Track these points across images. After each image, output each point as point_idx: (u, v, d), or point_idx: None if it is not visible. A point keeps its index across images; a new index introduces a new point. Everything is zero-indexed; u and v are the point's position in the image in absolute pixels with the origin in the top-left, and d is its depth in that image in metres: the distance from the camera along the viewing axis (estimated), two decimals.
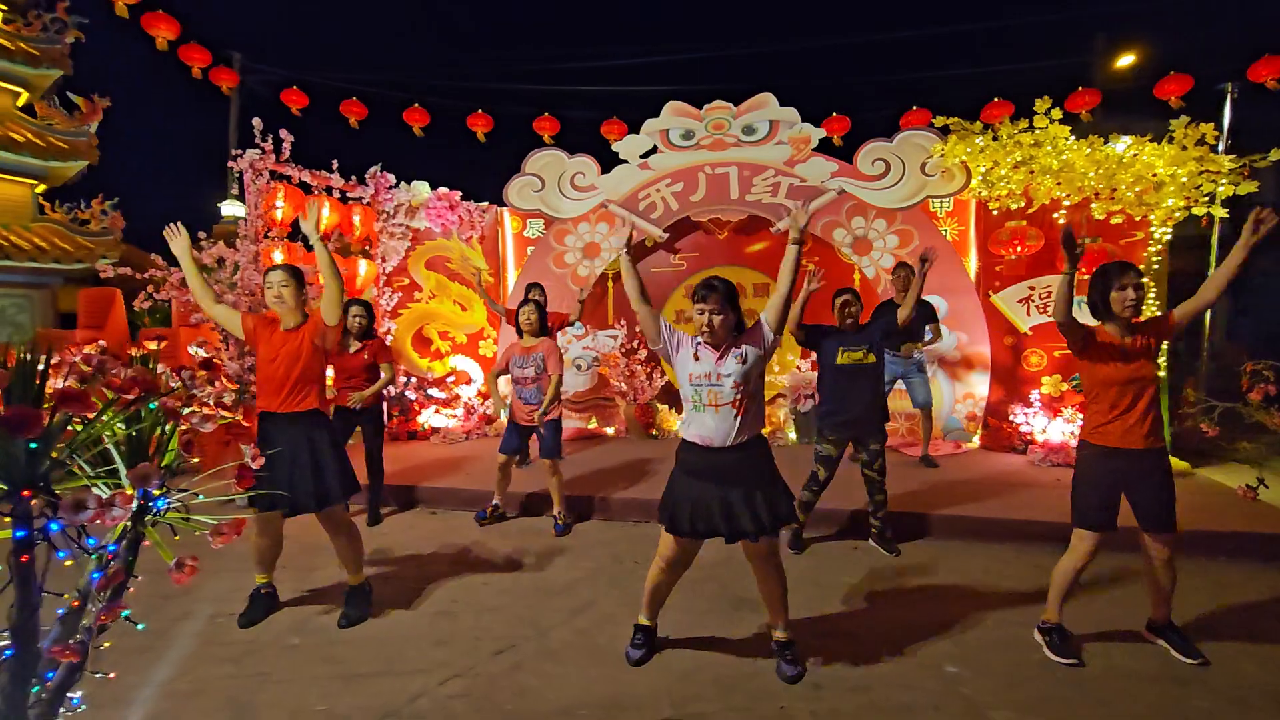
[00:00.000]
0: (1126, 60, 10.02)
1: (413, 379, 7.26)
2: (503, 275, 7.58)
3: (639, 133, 6.85)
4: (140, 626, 1.12)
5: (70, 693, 1.07)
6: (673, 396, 7.10)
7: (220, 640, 2.98)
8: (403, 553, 4.08)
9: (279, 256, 5.96)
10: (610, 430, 7.29)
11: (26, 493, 0.93)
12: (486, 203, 7.52)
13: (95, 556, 1.05)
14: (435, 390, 7.24)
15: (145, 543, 1.10)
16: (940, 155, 6.08)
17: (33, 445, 0.94)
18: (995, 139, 5.71)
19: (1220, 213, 5.35)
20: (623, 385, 7.05)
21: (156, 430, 1.13)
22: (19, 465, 0.94)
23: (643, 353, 7.12)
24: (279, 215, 6.03)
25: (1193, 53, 8.14)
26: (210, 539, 1.14)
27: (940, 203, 6.43)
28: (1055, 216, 5.79)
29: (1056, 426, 5.76)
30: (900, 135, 6.33)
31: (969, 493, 4.72)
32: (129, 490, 0.99)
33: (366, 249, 7.27)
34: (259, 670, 2.74)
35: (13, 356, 0.97)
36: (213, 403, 1.13)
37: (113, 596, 1.05)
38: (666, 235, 6.93)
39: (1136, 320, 2.71)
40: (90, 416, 1.02)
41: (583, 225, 7.05)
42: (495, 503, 4.65)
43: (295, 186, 6.23)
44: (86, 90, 8.14)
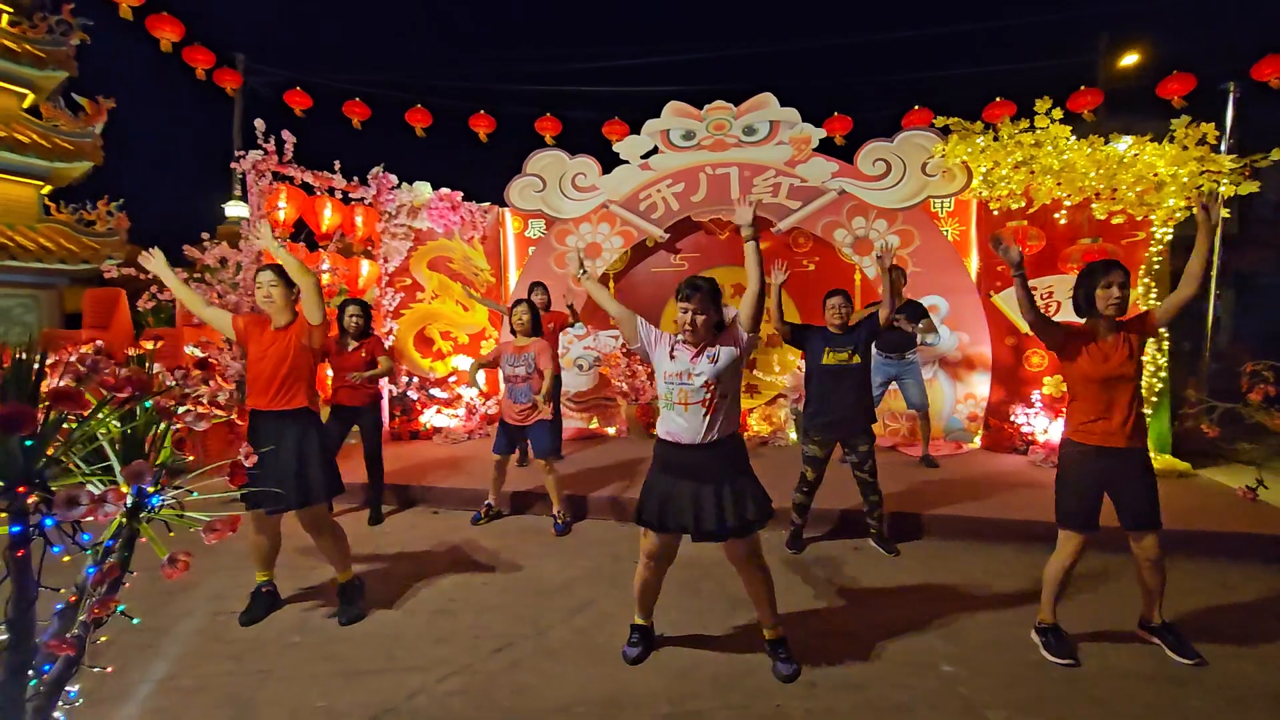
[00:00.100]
0: (1129, 60, 10.00)
1: (415, 379, 7.29)
2: (505, 275, 7.60)
3: (640, 133, 6.87)
4: (135, 621, 1.14)
5: (68, 686, 1.09)
6: None
7: (222, 638, 3.01)
8: (404, 551, 4.11)
9: None
10: (611, 430, 7.30)
11: (22, 489, 0.95)
12: (488, 203, 7.53)
13: (90, 552, 1.07)
14: (437, 390, 7.27)
15: (142, 539, 1.12)
16: (941, 155, 6.07)
17: (28, 443, 0.97)
18: (996, 139, 5.71)
19: (1223, 213, 5.33)
20: (624, 385, 7.06)
21: (152, 429, 1.15)
22: (14, 462, 0.96)
23: None
24: (281, 216, 6.06)
25: (1195, 52, 8.11)
26: (204, 535, 1.16)
27: (941, 203, 6.42)
28: (1056, 216, 5.79)
29: (1058, 427, 5.75)
30: (901, 135, 6.32)
31: (969, 493, 4.71)
32: (124, 488, 1.01)
33: (369, 249, 7.30)
34: (260, 667, 2.76)
35: (8, 356, 0.99)
36: (207, 401, 1.15)
37: (108, 591, 1.07)
38: (667, 235, 6.94)
39: (1120, 319, 2.72)
40: (84, 414, 1.04)
41: (584, 225, 7.07)
42: (488, 503, 4.67)
43: (297, 187, 6.26)
44: (91, 92, 8.18)
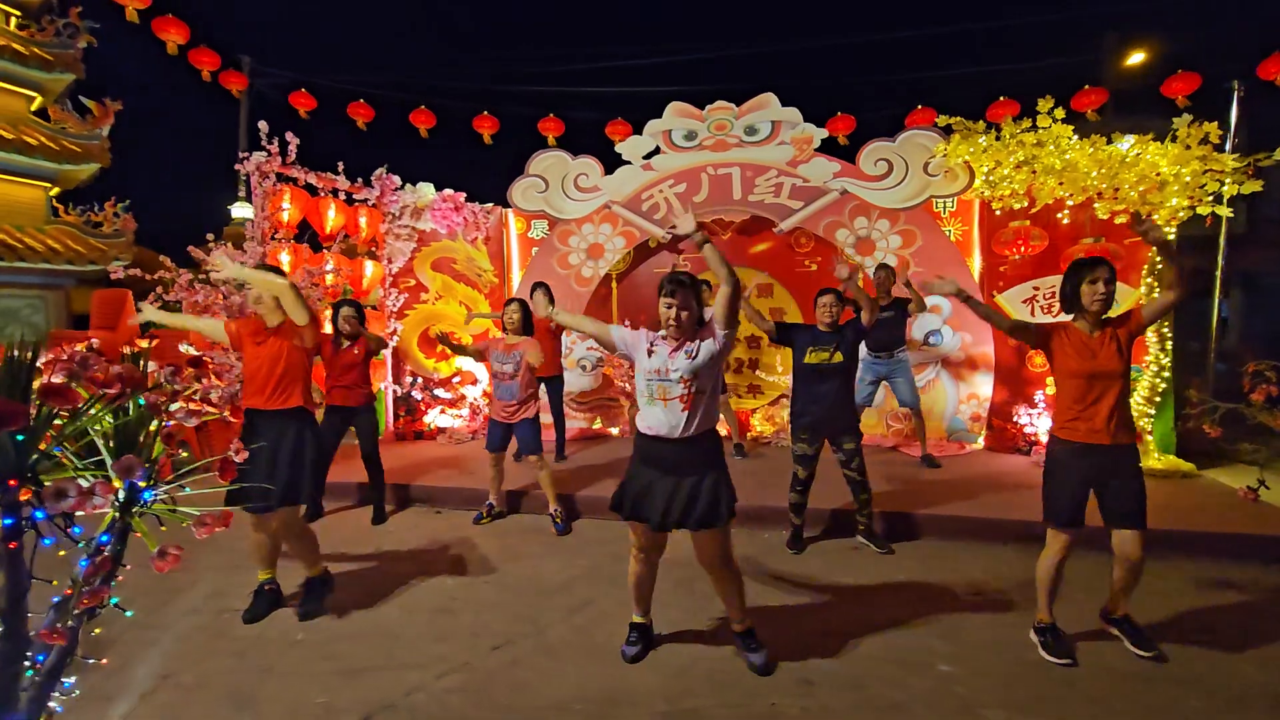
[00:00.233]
0: (1134, 59, 9.94)
1: (419, 379, 7.32)
2: (508, 276, 7.62)
3: (642, 134, 6.88)
4: (129, 614, 1.16)
5: (63, 677, 1.11)
6: None
7: (225, 635, 3.04)
8: (405, 550, 4.13)
9: (285, 258, 6.02)
10: (615, 430, 7.31)
11: (13, 482, 0.97)
12: (491, 204, 7.55)
13: (82, 545, 1.09)
14: (441, 390, 7.30)
15: (135, 534, 1.14)
16: (943, 155, 6.06)
17: (19, 437, 0.99)
18: (998, 139, 5.69)
19: (1225, 212, 5.30)
20: (627, 385, 7.07)
21: (143, 424, 1.17)
22: (6, 456, 0.98)
23: None
24: (285, 217, 6.10)
25: (1200, 51, 8.06)
26: (194, 530, 1.18)
27: (944, 203, 6.40)
28: (1059, 216, 5.76)
29: None
30: (903, 135, 6.31)
31: (970, 493, 4.70)
32: (115, 482, 1.03)
33: (373, 250, 7.34)
34: (262, 664, 2.78)
35: (0, 353, 1.01)
36: (199, 399, 1.17)
37: (101, 584, 1.09)
38: (669, 235, 6.94)
39: (1106, 315, 2.72)
40: (75, 410, 1.06)
41: (586, 226, 7.08)
42: (490, 503, 4.68)
43: (301, 189, 6.30)
44: (98, 94, 8.27)
